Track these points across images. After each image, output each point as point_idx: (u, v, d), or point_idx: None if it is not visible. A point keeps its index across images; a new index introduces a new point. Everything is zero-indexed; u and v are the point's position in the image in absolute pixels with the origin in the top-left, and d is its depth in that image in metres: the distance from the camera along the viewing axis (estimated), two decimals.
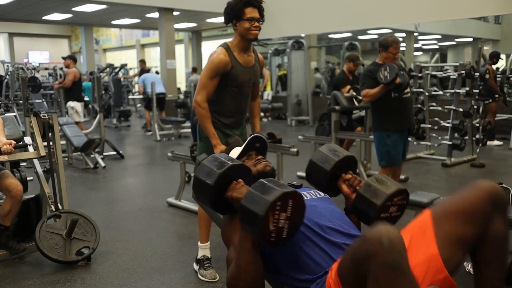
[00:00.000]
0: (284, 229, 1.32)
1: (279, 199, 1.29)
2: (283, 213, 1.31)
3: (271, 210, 1.29)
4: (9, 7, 11.16)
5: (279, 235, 1.33)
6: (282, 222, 1.32)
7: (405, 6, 9.01)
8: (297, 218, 1.35)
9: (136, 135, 9.80)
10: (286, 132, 9.53)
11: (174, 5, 10.61)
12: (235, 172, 1.49)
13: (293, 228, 1.36)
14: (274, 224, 1.31)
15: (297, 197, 1.32)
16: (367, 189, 1.53)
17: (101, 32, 21.14)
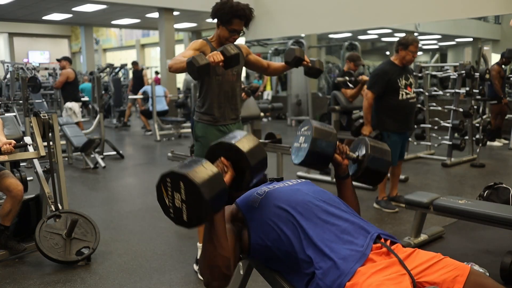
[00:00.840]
0: (183, 211, 1.30)
1: (168, 175, 1.30)
2: (177, 193, 1.30)
3: (162, 183, 1.31)
4: (9, 7, 11.16)
5: (178, 216, 1.32)
6: (178, 203, 1.30)
7: (405, 6, 9.01)
8: (195, 206, 1.28)
9: (136, 135, 9.80)
10: (286, 132, 9.53)
11: (174, 5, 10.61)
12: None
13: (194, 215, 1.30)
14: (169, 200, 1.32)
15: (190, 184, 1.27)
16: (375, 150, 1.69)
17: (101, 32, 21.14)
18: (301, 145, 1.72)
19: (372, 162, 1.69)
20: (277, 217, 1.44)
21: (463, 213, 2.79)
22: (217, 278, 1.39)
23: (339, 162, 1.70)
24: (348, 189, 1.72)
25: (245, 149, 1.40)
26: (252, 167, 1.41)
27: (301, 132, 1.75)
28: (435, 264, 1.35)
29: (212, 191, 1.27)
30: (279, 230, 1.42)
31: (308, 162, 1.69)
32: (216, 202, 1.31)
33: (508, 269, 2.53)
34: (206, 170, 1.30)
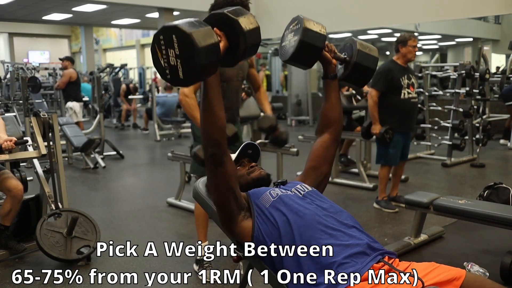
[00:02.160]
0: (178, 68, 1.30)
1: (160, 32, 1.30)
2: (171, 49, 1.29)
3: (155, 43, 1.31)
4: (9, 7, 11.16)
5: (174, 74, 1.31)
6: (173, 60, 1.30)
7: (405, 6, 9.00)
8: (189, 58, 1.28)
9: (136, 135, 9.80)
10: None
11: (174, 5, 10.61)
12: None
13: (190, 70, 1.30)
14: (164, 60, 1.31)
15: (181, 34, 1.27)
16: (362, 47, 1.70)
17: (101, 32, 21.13)
18: (290, 41, 1.69)
19: (361, 58, 1.70)
20: (283, 223, 1.46)
21: (463, 213, 2.79)
22: (212, 144, 1.45)
23: (328, 59, 1.71)
24: (335, 90, 1.76)
25: (237, 16, 1.40)
26: (245, 33, 1.39)
27: (289, 30, 1.72)
28: (432, 271, 1.38)
29: (204, 40, 1.27)
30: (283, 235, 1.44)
31: (298, 55, 1.64)
32: (210, 54, 1.30)
33: (508, 269, 2.53)
34: (196, 24, 1.31)
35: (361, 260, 1.38)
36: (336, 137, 1.77)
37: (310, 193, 1.61)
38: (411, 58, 3.96)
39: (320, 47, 1.64)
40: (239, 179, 1.68)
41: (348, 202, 4.35)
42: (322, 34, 1.63)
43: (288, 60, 1.68)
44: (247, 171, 1.70)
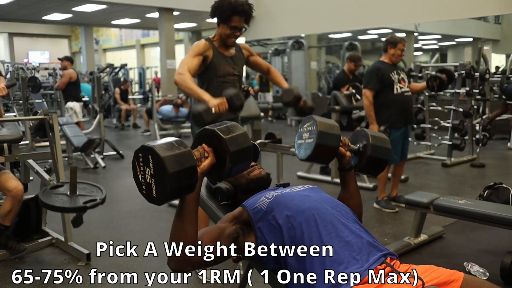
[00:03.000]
0: (152, 187, 1.33)
1: (139, 151, 1.33)
2: (147, 168, 1.32)
3: (135, 159, 1.35)
4: (9, 7, 11.16)
5: (149, 192, 1.34)
6: (149, 178, 1.33)
7: (405, 6, 9.00)
8: (161, 180, 1.30)
9: (136, 135, 9.80)
10: (286, 132, 9.53)
11: (174, 5, 10.61)
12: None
13: (163, 190, 1.31)
14: (142, 176, 1.35)
15: (155, 157, 1.29)
16: (375, 139, 1.77)
17: (101, 32, 21.14)
18: (305, 141, 1.73)
19: (374, 151, 1.75)
20: (283, 221, 1.45)
21: (463, 213, 2.79)
22: (174, 262, 1.45)
23: (343, 154, 1.74)
24: (352, 180, 1.78)
25: (226, 135, 1.40)
26: (231, 153, 1.40)
27: (303, 129, 1.76)
28: (431, 273, 1.39)
29: (177, 165, 1.29)
30: (285, 234, 1.44)
31: (315, 156, 1.69)
32: (182, 178, 1.31)
33: (508, 269, 2.52)
34: (175, 146, 1.32)
35: (363, 258, 1.38)
36: (358, 219, 1.75)
37: (309, 189, 1.62)
38: (396, 60, 4.04)
39: (335, 147, 1.70)
40: (239, 179, 1.67)
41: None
42: (336, 135, 1.69)
43: (306, 160, 1.74)
44: (247, 171, 1.70)
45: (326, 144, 1.67)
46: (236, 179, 1.68)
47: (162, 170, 1.28)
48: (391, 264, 1.39)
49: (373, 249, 1.41)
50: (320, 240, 1.40)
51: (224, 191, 1.67)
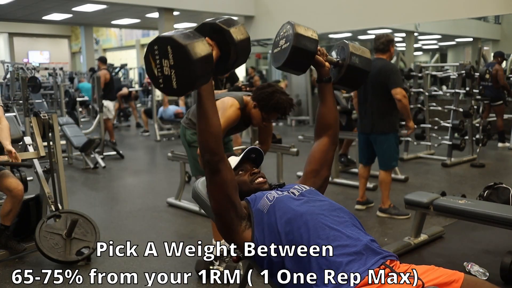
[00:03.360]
0: (172, 78, 1.32)
1: (155, 42, 1.32)
2: (165, 60, 1.31)
3: (149, 53, 1.33)
4: (9, 7, 11.15)
5: (168, 84, 1.33)
6: (167, 70, 1.31)
7: (405, 6, 9.00)
8: (183, 68, 1.30)
9: (136, 135, 9.80)
10: (286, 132, 9.53)
11: (174, 5, 10.60)
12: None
13: (183, 80, 1.32)
14: (158, 70, 1.33)
15: (176, 45, 1.29)
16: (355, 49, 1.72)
17: (101, 32, 21.13)
18: (282, 47, 1.69)
19: (355, 60, 1.72)
20: (282, 225, 1.46)
21: (463, 213, 2.79)
22: (207, 151, 1.47)
23: (321, 63, 1.72)
24: (330, 93, 1.77)
25: (229, 27, 1.42)
26: (236, 43, 1.41)
27: (280, 36, 1.72)
28: (431, 273, 1.39)
29: (198, 52, 1.29)
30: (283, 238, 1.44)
31: (291, 61, 1.65)
32: (204, 65, 1.32)
33: (508, 269, 2.52)
34: (191, 36, 1.32)
35: (359, 262, 1.37)
36: (334, 140, 1.78)
37: (307, 192, 1.61)
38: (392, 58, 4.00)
39: (312, 51, 1.65)
40: (241, 186, 1.67)
41: (348, 202, 4.34)
42: (314, 39, 1.64)
43: (282, 66, 1.68)
44: (249, 179, 1.69)
45: (302, 47, 1.62)
46: (238, 184, 1.67)
47: (185, 58, 1.28)
48: (390, 266, 1.39)
49: (371, 253, 1.40)
50: (317, 244, 1.40)
51: None
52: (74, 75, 13.11)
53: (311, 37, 1.63)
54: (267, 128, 2.95)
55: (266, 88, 2.64)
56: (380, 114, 3.83)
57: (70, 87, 10.60)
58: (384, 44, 3.85)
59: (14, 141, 3.17)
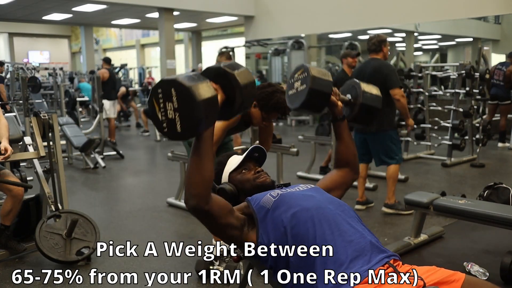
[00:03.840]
0: (176, 121, 1.31)
1: (159, 86, 1.31)
2: (169, 103, 1.30)
3: (153, 97, 1.32)
4: (9, 7, 11.16)
5: (172, 128, 1.32)
6: (171, 113, 1.31)
7: (405, 6, 9.01)
8: (188, 111, 1.29)
9: (136, 135, 9.80)
10: (286, 132, 9.53)
11: (174, 5, 10.60)
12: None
13: (188, 123, 1.31)
14: (162, 114, 1.32)
15: (180, 88, 1.28)
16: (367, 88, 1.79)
17: (101, 32, 21.14)
18: (297, 89, 1.72)
19: (367, 99, 1.77)
20: (288, 219, 1.46)
21: (463, 213, 2.79)
22: (195, 197, 1.41)
23: (335, 103, 1.75)
24: (345, 130, 1.79)
25: (233, 70, 1.41)
26: (242, 87, 1.41)
27: (294, 78, 1.76)
28: (432, 274, 1.39)
29: (203, 94, 1.29)
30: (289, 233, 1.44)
31: (308, 102, 1.68)
32: (209, 107, 1.31)
33: (508, 269, 2.52)
34: (195, 78, 1.32)
35: (365, 258, 1.38)
36: (355, 170, 1.82)
37: (313, 189, 1.62)
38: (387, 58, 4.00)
39: (328, 92, 1.69)
40: (243, 184, 1.67)
41: (348, 202, 4.30)
42: (329, 80, 1.68)
43: (299, 108, 1.73)
44: (253, 176, 1.69)
45: (319, 89, 1.66)
46: (241, 182, 1.66)
47: (190, 100, 1.27)
48: (394, 265, 1.39)
49: (375, 250, 1.41)
50: (323, 238, 1.40)
51: (228, 192, 1.67)
52: (74, 75, 13.11)
53: (326, 79, 1.68)
54: (267, 128, 2.95)
55: (266, 87, 2.63)
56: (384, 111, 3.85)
57: (70, 87, 10.60)
58: (375, 44, 3.91)
59: (14, 141, 3.17)
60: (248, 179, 1.68)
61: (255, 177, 1.69)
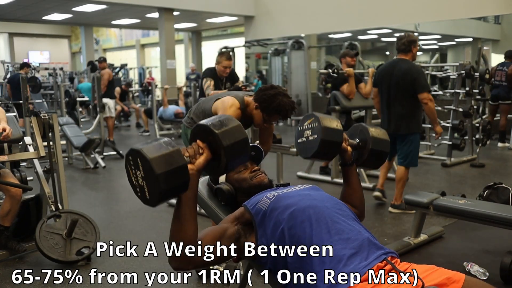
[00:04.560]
0: (145, 189, 1.31)
1: (129, 154, 1.33)
2: (138, 171, 1.31)
3: (127, 162, 1.34)
4: (9, 7, 11.17)
5: (143, 194, 1.33)
6: (140, 180, 1.32)
7: (405, 6, 9.01)
8: (151, 182, 1.29)
9: (136, 135, 9.80)
10: (286, 132, 9.53)
11: (174, 5, 10.60)
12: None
13: (154, 192, 1.30)
14: (134, 179, 1.34)
15: (143, 159, 1.28)
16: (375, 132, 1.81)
17: (101, 32, 21.14)
18: (308, 139, 1.74)
19: (375, 144, 1.78)
20: (285, 220, 1.45)
21: (463, 213, 2.79)
22: (175, 261, 1.43)
23: (345, 149, 1.76)
24: (354, 175, 1.80)
25: (218, 129, 1.38)
26: (225, 147, 1.38)
27: (304, 127, 1.77)
28: (432, 273, 1.39)
29: (164, 166, 1.27)
30: (286, 233, 1.44)
31: (321, 152, 1.71)
32: (171, 178, 1.29)
33: (508, 269, 2.53)
34: (163, 147, 1.30)
35: (363, 255, 1.38)
36: (361, 214, 1.80)
37: (310, 188, 1.62)
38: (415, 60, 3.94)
39: (340, 141, 1.71)
40: (241, 183, 1.67)
41: None
42: (339, 129, 1.71)
43: (311, 157, 1.76)
44: (249, 175, 1.69)
45: (330, 139, 1.68)
46: (238, 182, 1.67)
47: (150, 172, 1.27)
48: (392, 262, 1.39)
49: (373, 247, 1.41)
50: (320, 238, 1.40)
51: (225, 192, 1.67)
52: (74, 75, 13.11)
53: (336, 129, 1.70)
54: (268, 129, 2.95)
55: (269, 89, 2.62)
56: (406, 115, 3.84)
57: (70, 87, 10.60)
58: (405, 44, 3.85)
59: (14, 141, 3.17)
60: (245, 178, 1.68)
61: (252, 176, 1.69)
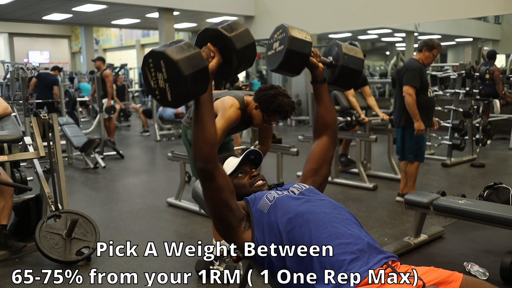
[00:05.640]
0: (166, 91, 1.32)
1: (149, 56, 1.33)
2: (159, 73, 1.31)
3: (145, 65, 1.34)
4: (9, 7, 11.15)
5: (163, 96, 1.34)
6: (162, 83, 1.32)
7: (405, 6, 9.00)
8: (176, 83, 1.30)
9: (136, 135, 9.80)
10: (286, 132, 9.53)
11: (174, 5, 10.60)
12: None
13: (177, 94, 1.32)
14: (154, 82, 1.34)
15: (168, 61, 1.29)
16: (348, 50, 1.73)
17: (101, 32, 21.13)
18: (276, 50, 1.69)
19: (348, 61, 1.73)
20: (283, 224, 1.46)
21: (463, 213, 2.79)
22: (201, 159, 1.45)
23: (315, 64, 1.73)
24: (325, 93, 1.77)
25: (230, 33, 1.40)
26: (238, 50, 1.40)
27: (274, 39, 1.73)
28: (431, 274, 1.39)
29: (191, 67, 1.29)
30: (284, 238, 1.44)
31: (286, 63, 1.65)
32: (197, 79, 1.31)
33: (508, 269, 2.53)
34: (185, 49, 1.32)
35: (362, 260, 1.37)
36: (334, 139, 1.79)
37: (307, 190, 1.61)
38: (428, 63, 4.06)
39: (306, 53, 1.66)
40: (240, 189, 1.66)
41: (348, 202, 4.35)
42: (307, 41, 1.64)
43: (276, 69, 1.69)
44: (248, 182, 1.69)
45: (297, 50, 1.62)
46: (237, 188, 1.66)
47: (177, 74, 1.28)
48: (392, 266, 1.39)
49: (373, 251, 1.41)
50: (319, 243, 1.40)
51: None
52: (74, 75, 13.10)
53: (305, 40, 1.63)
54: (267, 129, 2.95)
55: (269, 90, 2.62)
56: (405, 108, 4.02)
57: (70, 87, 10.59)
58: (419, 44, 4.08)
59: (14, 141, 3.17)
60: (244, 184, 1.68)
61: (251, 182, 1.68)
